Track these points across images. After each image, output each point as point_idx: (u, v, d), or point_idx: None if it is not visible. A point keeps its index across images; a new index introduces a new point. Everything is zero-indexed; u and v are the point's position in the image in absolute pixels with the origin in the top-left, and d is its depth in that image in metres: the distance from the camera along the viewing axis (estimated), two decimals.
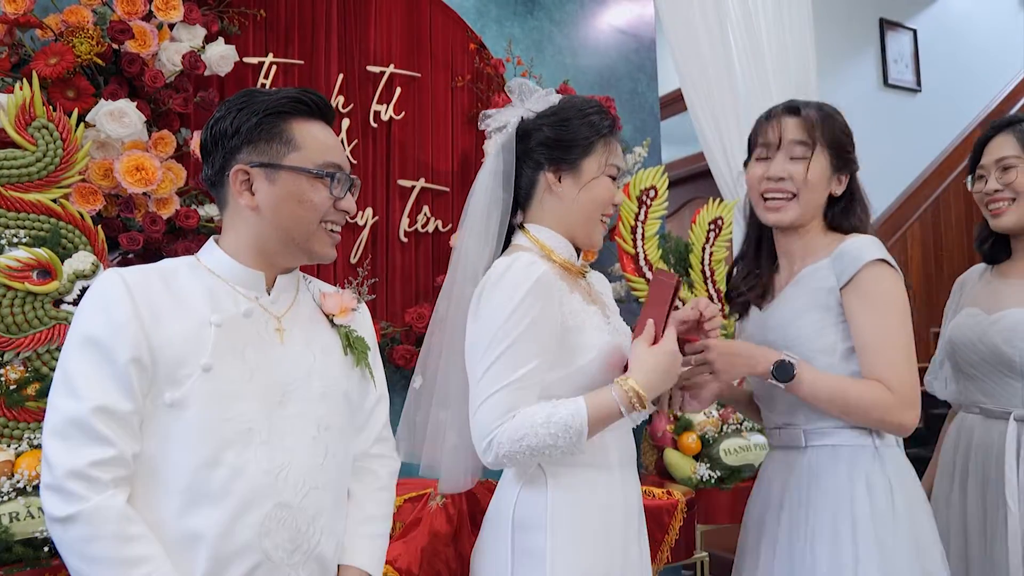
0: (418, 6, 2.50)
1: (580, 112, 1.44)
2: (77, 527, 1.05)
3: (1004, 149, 1.79)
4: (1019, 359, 1.72)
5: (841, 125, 1.56)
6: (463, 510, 1.87)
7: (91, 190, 1.83)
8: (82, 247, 1.76)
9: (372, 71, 2.39)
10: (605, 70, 2.95)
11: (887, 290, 1.44)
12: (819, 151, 1.51)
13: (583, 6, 2.91)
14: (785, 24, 2.91)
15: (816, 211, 1.55)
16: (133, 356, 1.10)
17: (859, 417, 1.44)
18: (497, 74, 2.57)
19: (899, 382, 1.40)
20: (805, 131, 1.52)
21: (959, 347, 1.86)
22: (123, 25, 1.85)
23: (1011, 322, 1.74)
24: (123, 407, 1.10)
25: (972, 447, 1.81)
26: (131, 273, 1.17)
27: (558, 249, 1.45)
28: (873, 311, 1.43)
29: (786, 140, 1.52)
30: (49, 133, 1.73)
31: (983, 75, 4.81)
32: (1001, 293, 1.81)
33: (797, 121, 1.53)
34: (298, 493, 1.19)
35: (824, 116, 1.54)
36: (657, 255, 2.68)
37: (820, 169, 1.52)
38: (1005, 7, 5.04)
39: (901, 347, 1.42)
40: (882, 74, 4.28)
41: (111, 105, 1.81)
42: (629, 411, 1.29)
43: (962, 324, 1.87)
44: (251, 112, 1.22)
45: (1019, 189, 1.76)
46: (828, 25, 3.80)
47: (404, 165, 2.45)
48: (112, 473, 1.08)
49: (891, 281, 1.45)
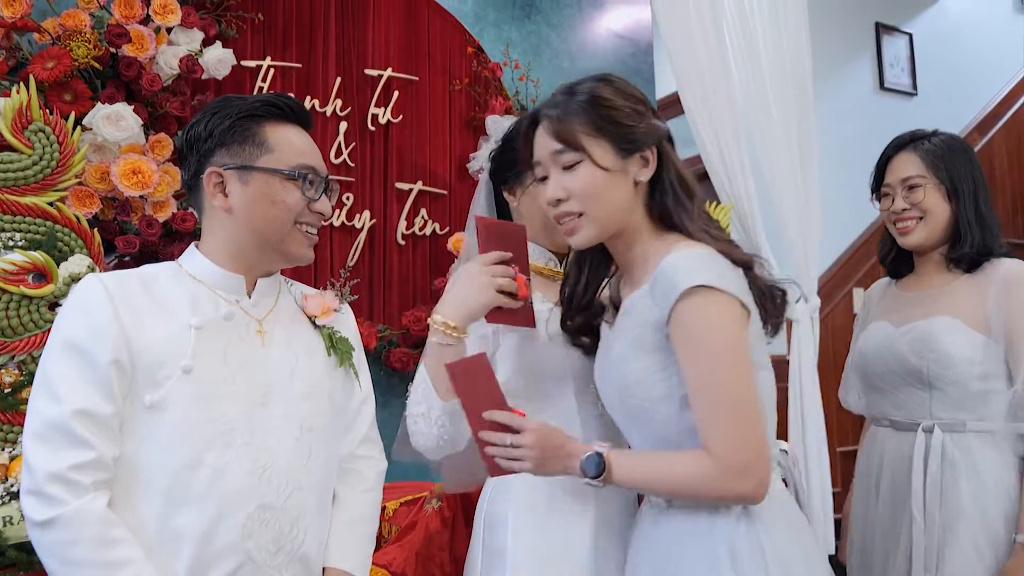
0: (416, 10, 2.51)
1: (516, 128, 1.54)
2: (57, 531, 1.05)
3: (908, 168, 1.77)
4: (926, 370, 1.70)
5: (608, 96, 1.24)
6: (458, 513, 1.87)
7: (87, 193, 1.83)
8: (78, 250, 1.76)
9: (370, 74, 2.40)
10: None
11: (710, 327, 1.12)
12: (596, 142, 1.21)
13: (580, 10, 2.92)
14: (781, 28, 2.92)
15: (620, 212, 1.24)
16: (113, 358, 1.11)
17: (692, 497, 1.18)
18: (495, 78, 2.57)
19: (722, 447, 1.11)
20: (566, 127, 1.23)
21: (869, 360, 1.84)
22: (120, 29, 1.85)
23: (918, 334, 1.72)
24: (103, 410, 1.10)
25: (884, 460, 1.79)
26: (111, 278, 1.18)
27: (533, 258, 1.48)
28: (694, 356, 1.13)
29: (549, 152, 1.24)
30: (46, 136, 1.74)
31: (979, 79, 4.82)
32: (907, 306, 1.80)
33: (548, 124, 1.25)
34: (281, 494, 1.19)
35: (592, 98, 1.24)
36: None
37: (596, 166, 1.21)
38: (1001, 11, 5.05)
39: (724, 402, 1.12)
40: (878, 78, 4.29)
41: (108, 108, 1.81)
42: (446, 340, 1.29)
43: (871, 337, 1.85)
44: (224, 116, 1.23)
45: (926, 208, 1.74)
46: (824, 29, 3.80)
47: (402, 168, 2.45)
48: (92, 476, 1.08)
49: (716, 314, 1.13)
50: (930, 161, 1.75)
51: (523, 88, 2.65)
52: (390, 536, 1.86)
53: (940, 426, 1.69)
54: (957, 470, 1.65)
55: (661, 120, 1.28)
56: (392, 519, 1.87)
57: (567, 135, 1.22)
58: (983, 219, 1.73)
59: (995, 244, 1.73)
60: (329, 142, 2.33)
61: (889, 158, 1.84)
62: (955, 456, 1.66)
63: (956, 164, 1.74)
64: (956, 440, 1.67)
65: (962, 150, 1.77)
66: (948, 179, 1.73)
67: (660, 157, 1.25)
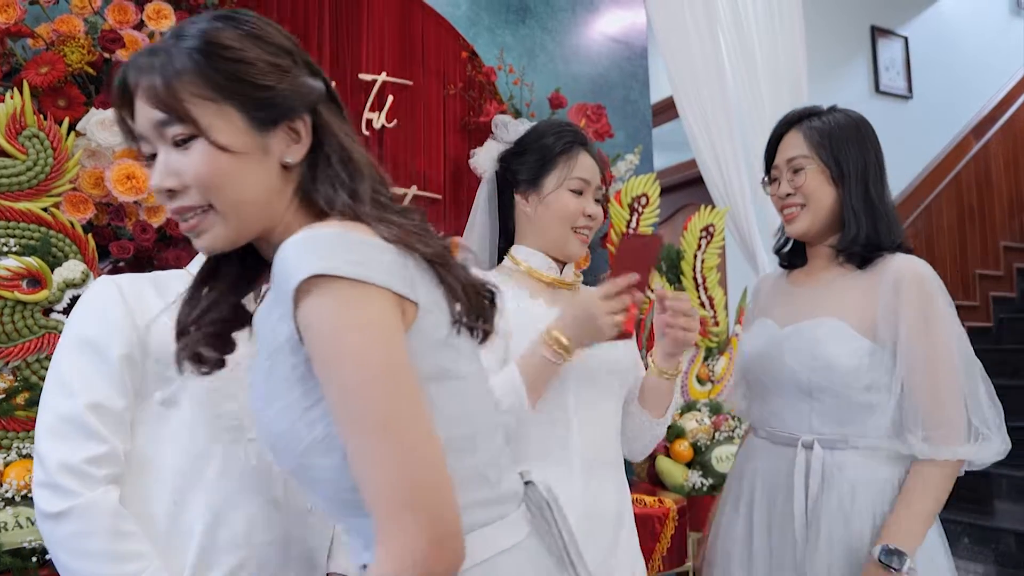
0: (410, 14, 2.51)
1: (538, 135, 1.55)
2: (70, 522, 1.05)
3: (793, 148, 1.57)
4: (807, 379, 1.50)
5: (231, 44, 0.85)
6: None
7: (82, 199, 1.83)
8: (72, 256, 1.76)
9: (364, 79, 2.40)
10: (597, 78, 2.96)
11: (333, 330, 0.75)
12: (215, 109, 0.85)
13: (575, 14, 2.92)
14: (777, 31, 2.93)
15: (260, 206, 0.87)
16: (125, 353, 1.12)
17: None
18: (489, 82, 2.57)
19: (381, 498, 0.73)
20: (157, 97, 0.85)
21: (749, 363, 1.65)
22: (114, 34, 1.85)
23: (802, 338, 1.53)
24: (116, 404, 1.11)
25: (758, 473, 1.60)
26: (124, 279, 1.20)
27: (536, 265, 1.53)
28: (324, 376, 0.76)
29: (151, 123, 0.86)
30: (40, 142, 1.73)
31: (974, 82, 4.83)
32: (795, 302, 1.61)
33: (144, 84, 0.86)
34: (287, 490, 1.20)
35: (206, 45, 0.85)
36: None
37: (215, 146, 0.84)
38: (996, 15, 5.06)
39: (372, 431, 0.73)
40: (873, 81, 4.30)
41: (102, 114, 1.81)
42: (554, 356, 1.31)
43: (755, 337, 1.66)
44: None
45: (808, 193, 1.54)
46: (820, 32, 3.81)
47: (396, 173, 2.46)
48: (106, 469, 1.09)
49: (341, 311, 0.75)
50: (815, 140, 1.55)
51: (518, 92, 2.65)
52: None
53: (820, 442, 1.49)
54: (838, 491, 1.46)
55: (319, 77, 0.92)
56: None
57: (170, 99, 0.84)
58: (873, 207, 1.52)
59: (887, 237, 1.52)
60: None
61: (779, 137, 1.63)
62: (835, 476, 1.47)
63: (844, 144, 1.53)
64: (837, 457, 1.48)
65: (854, 128, 1.56)
66: (833, 161, 1.53)
67: (316, 129, 0.90)
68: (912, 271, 1.45)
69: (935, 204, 4.47)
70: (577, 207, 1.50)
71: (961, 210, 4.61)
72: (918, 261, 1.48)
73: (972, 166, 4.70)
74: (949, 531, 2.12)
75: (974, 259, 4.62)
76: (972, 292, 4.58)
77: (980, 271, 4.63)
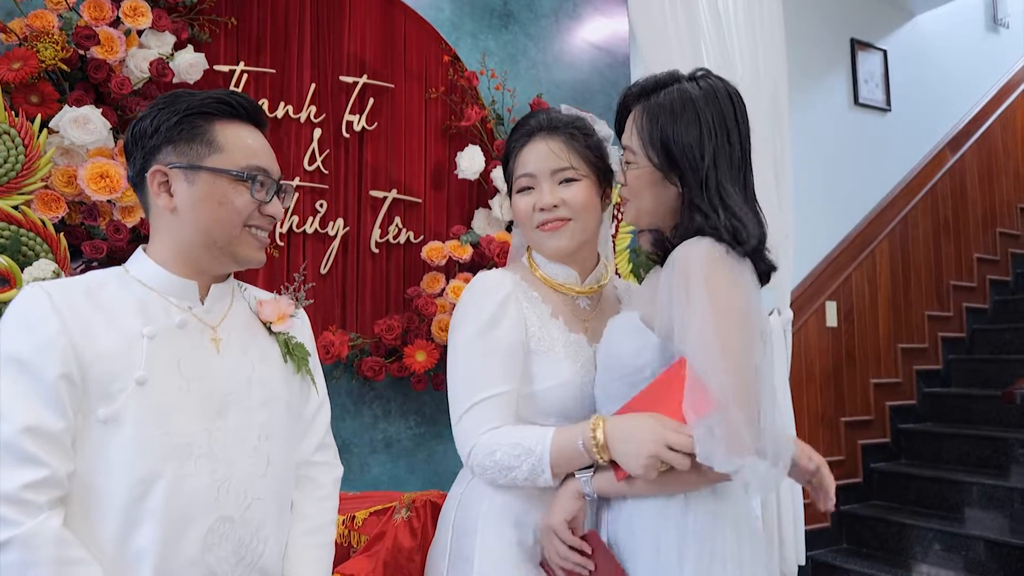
0: (392, 17, 2.50)
1: (508, 140, 1.53)
2: (12, 553, 1.01)
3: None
4: (603, 369, 1.39)
5: None
6: (427, 523, 1.85)
7: (54, 197, 1.80)
8: (43, 255, 1.73)
9: (345, 81, 2.39)
10: (579, 84, 2.96)
11: None
12: None
13: (558, 21, 2.93)
14: (758, 43, 2.95)
15: None
16: (62, 372, 1.07)
17: None
18: (471, 87, 2.57)
19: None
20: None
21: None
22: (89, 31, 1.83)
23: (607, 333, 1.41)
24: (54, 425, 1.06)
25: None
26: (55, 287, 1.13)
27: (550, 274, 1.50)
28: None
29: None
30: (11, 139, 1.71)
31: (952, 96, 4.90)
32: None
33: None
34: (240, 505, 1.17)
35: None
36: (628, 269, 2.68)
37: None
38: (974, 30, 5.14)
39: None
40: (853, 93, 4.34)
41: (75, 111, 1.79)
42: (589, 452, 1.25)
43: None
44: (172, 111, 1.19)
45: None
46: (800, 44, 3.85)
47: (376, 176, 2.44)
48: (46, 495, 1.04)
49: None
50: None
51: (499, 97, 2.65)
52: (359, 546, 1.84)
53: None
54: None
55: None
56: (361, 529, 1.86)
57: None
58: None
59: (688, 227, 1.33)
60: (303, 149, 2.31)
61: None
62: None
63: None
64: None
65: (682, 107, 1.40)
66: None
67: None
68: (682, 253, 1.26)
69: (912, 215, 4.51)
70: (527, 206, 1.46)
71: (936, 222, 4.66)
72: (696, 241, 1.27)
73: (948, 179, 4.76)
74: (920, 538, 2.08)
75: (948, 270, 4.67)
76: (946, 303, 4.63)
77: (954, 282, 4.69)
